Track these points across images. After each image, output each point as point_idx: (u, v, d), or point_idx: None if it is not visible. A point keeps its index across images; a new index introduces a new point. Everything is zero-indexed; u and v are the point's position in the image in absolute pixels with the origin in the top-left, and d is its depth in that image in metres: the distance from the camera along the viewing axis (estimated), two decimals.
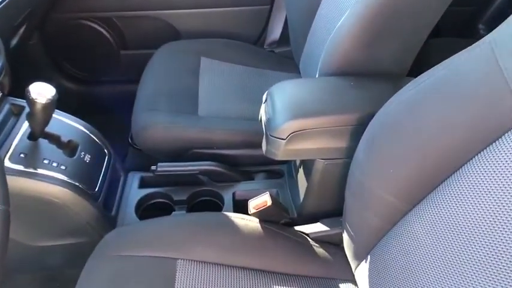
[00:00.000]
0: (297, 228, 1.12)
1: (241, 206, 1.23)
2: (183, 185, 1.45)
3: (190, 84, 1.63)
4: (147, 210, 1.44)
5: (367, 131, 0.84)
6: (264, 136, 1.03)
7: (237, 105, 1.53)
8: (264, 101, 1.08)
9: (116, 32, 2.00)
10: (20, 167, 1.16)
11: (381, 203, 0.77)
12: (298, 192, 1.31)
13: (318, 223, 1.11)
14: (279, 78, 1.53)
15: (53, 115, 1.20)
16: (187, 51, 1.71)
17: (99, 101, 2.22)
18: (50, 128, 1.23)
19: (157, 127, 1.46)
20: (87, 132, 1.37)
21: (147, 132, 1.46)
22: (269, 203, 1.01)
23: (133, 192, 1.44)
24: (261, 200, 1.03)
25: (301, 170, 1.29)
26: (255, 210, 1.03)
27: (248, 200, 1.04)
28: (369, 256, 0.84)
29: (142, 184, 1.48)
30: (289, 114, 0.97)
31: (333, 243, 1.07)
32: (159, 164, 1.42)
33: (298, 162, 1.32)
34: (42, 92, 1.11)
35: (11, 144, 1.18)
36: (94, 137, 1.37)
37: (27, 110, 1.18)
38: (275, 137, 0.97)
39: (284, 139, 0.97)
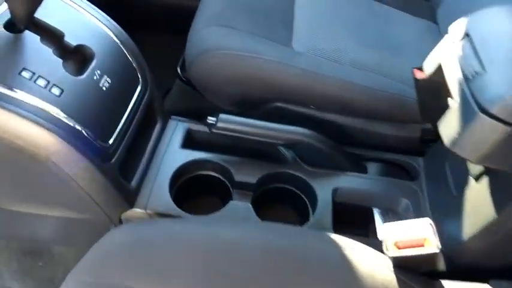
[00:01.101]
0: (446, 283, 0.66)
1: (343, 214, 0.82)
2: (252, 157, 0.88)
3: (283, 1, 1.04)
4: (188, 186, 0.88)
5: None
6: (450, 113, 0.59)
7: (354, 48, 0.96)
8: (460, 38, 0.60)
9: None
10: None
11: None
12: (459, 217, 0.72)
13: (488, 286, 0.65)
14: (406, 23, 1.10)
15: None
16: None
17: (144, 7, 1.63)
18: (47, 15, 0.67)
19: (226, 53, 0.90)
20: (115, 38, 0.80)
21: (208, 58, 0.90)
22: (434, 247, 0.59)
23: (172, 152, 0.88)
24: (417, 236, 0.60)
25: (483, 183, 0.68)
26: (396, 252, 0.60)
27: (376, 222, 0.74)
28: None
29: (188, 142, 0.92)
30: None
31: None
32: (220, 115, 0.85)
33: (476, 169, 0.70)
34: None
35: None
36: (124, 49, 0.80)
37: None
38: (491, 117, 0.52)
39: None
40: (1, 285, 1.02)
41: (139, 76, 0.84)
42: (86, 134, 0.68)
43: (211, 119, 0.85)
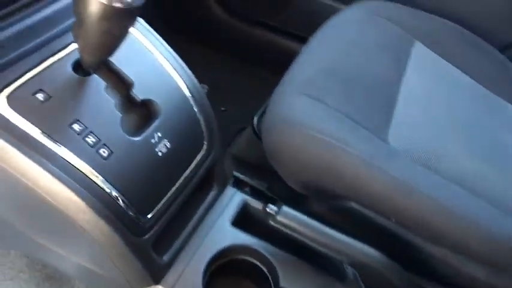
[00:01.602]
0: None
1: None
2: (308, 259, 0.74)
3: (388, 78, 0.91)
4: (225, 265, 0.77)
5: None
6: None
7: (461, 157, 0.80)
8: None
9: None
10: (22, 122, 0.54)
11: None
12: None
13: None
14: None
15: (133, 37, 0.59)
16: (395, 20, 1.05)
17: (236, 46, 1.58)
18: (118, 56, 0.59)
19: (310, 134, 0.76)
20: (187, 92, 0.70)
21: (287, 132, 0.77)
22: None
23: (221, 229, 0.77)
24: None
25: None
26: None
27: None
28: None
29: (241, 219, 0.80)
30: None
31: None
32: (283, 207, 0.72)
33: None
34: None
35: (32, 70, 0.57)
36: (194, 107, 0.71)
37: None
38: None
39: None
40: None
41: (205, 138, 0.74)
42: (121, 203, 0.59)
43: (272, 208, 0.73)
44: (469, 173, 0.76)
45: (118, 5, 0.46)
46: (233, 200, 0.82)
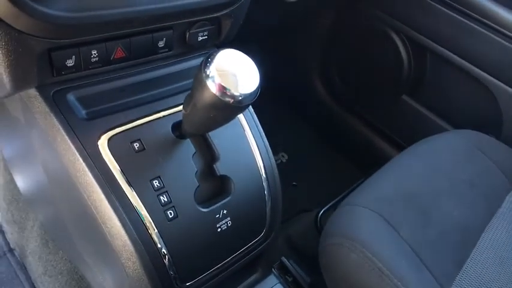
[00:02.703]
0: None
1: None
2: None
3: (471, 222, 0.87)
4: None
5: None
6: None
7: None
8: None
9: (417, 60, 1.30)
10: (113, 164, 0.58)
11: None
12: None
13: None
14: None
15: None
16: (496, 160, 1.00)
17: (327, 127, 1.60)
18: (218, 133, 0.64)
19: (367, 257, 0.76)
20: (263, 174, 0.73)
21: (345, 244, 0.78)
22: None
23: None
24: None
25: None
26: None
27: None
28: None
29: None
30: None
31: None
32: None
33: None
34: (237, 74, 0.50)
35: (137, 120, 0.62)
36: (266, 191, 0.73)
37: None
38: None
39: None
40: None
41: (266, 225, 0.74)
42: (167, 263, 0.61)
43: None
44: None
45: (228, 100, 0.50)
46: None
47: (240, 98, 0.50)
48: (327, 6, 1.49)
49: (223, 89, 0.49)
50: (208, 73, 0.50)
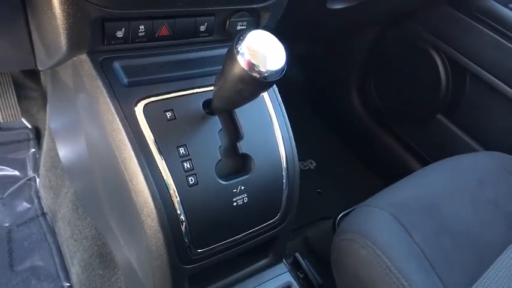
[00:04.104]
0: None
1: None
2: None
3: (493, 241, 0.87)
4: None
5: None
6: None
7: None
8: None
9: (456, 81, 1.30)
10: (146, 129, 0.64)
11: None
12: None
13: None
14: None
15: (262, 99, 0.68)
16: None
17: (358, 139, 1.62)
18: (241, 112, 0.70)
19: (377, 254, 0.78)
20: (283, 164, 0.76)
21: (357, 240, 0.81)
22: None
23: None
24: None
25: None
26: None
27: None
28: None
29: None
30: None
31: None
32: None
33: None
34: (265, 52, 0.54)
35: (173, 93, 0.68)
36: (284, 179, 0.77)
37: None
38: None
39: None
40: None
41: (281, 210, 0.78)
42: (183, 229, 0.66)
43: None
44: None
45: (255, 75, 0.54)
46: (280, 277, 0.83)
47: (266, 74, 0.55)
48: (373, 24, 1.52)
49: (251, 65, 0.54)
50: (239, 49, 0.54)
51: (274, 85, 0.78)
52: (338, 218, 1.15)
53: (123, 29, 0.66)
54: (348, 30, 1.55)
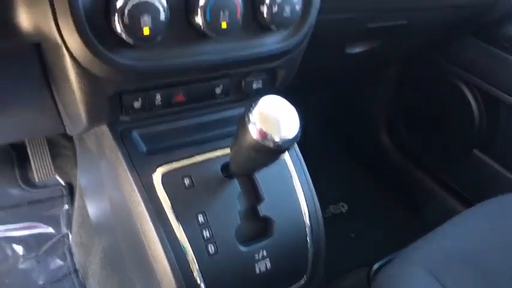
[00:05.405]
0: None
1: None
2: None
3: None
4: None
5: None
6: None
7: None
8: None
9: (489, 113, 1.26)
10: (164, 197, 0.64)
11: None
12: None
13: None
14: None
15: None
16: None
17: (390, 177, 1.56)
18: (260, 174, 0.67)
19: None
20: (306, 220, 0.74)
21: None
22: None
23: None
24: None
25: None
26: None
27: None
28: None
29: None
30: None
31: None
32: None
33: None
34: (278, 119, 0.53)
35: (190, 158, 0.68)
36: (308, 236, 0.74)
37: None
38: None
39: None
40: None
41: (307, 272, 0.75)
42: None
43: None
44: None
45: (268, 144, 0.53)
46: None
47: (280, 143, 0.53)
48: (394, 62, 1.50)
49: (263, 134, 0.53)
50: (250, 118, 0.54)
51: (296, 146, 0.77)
52: (373, 269, 1.09)
53: (140, 99, 0.67)
54: (368, 76, 1.54)
